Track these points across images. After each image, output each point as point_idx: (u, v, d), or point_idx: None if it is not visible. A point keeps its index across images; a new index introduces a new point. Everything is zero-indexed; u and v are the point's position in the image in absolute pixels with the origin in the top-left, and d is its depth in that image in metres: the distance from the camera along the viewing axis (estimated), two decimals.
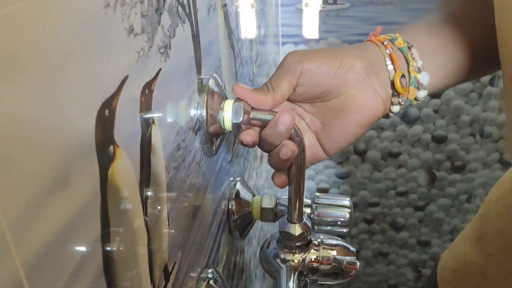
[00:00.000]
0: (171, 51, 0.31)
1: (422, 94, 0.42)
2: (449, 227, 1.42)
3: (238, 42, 0.59)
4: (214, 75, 0.41)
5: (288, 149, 0.37)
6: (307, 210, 0.49)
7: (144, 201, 0.26)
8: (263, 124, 0.39)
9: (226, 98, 0.41)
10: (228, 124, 0.39)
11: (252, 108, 0.39)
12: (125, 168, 0.24)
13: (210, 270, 0.41)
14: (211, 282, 0.39)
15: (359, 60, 0.40)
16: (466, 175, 1.33)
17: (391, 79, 0.41)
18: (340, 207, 0.48)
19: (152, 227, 0.28)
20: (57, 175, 0.18)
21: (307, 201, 0.50)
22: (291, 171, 0.40)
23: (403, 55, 0.41)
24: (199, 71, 0.39)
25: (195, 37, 0.37)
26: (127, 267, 0.24)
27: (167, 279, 0.31)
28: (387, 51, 0.41)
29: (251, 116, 0.39)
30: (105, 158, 0.21)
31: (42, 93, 0.17)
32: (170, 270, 0.32)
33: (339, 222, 0.47)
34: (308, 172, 1.36)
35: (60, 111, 0.18)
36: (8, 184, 0.15)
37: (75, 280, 0.19)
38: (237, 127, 0.38)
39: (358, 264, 0.41)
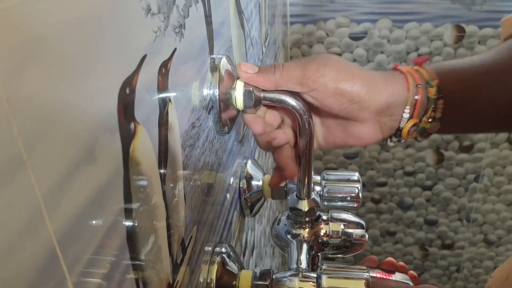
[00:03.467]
0: (185, 31, 0.31)
1: (422, 139, 0.42)
2: (456, 206, 1.43)
3: (248, 22, 0.59)
4: (227, 54, 0.41)
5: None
6: (317, 187, 0.50)
7: (162, 177, 0.27)
8: (274, 104, 0.40)
9: (238, 78, 0.41)
10: (239, 104, 0.40)
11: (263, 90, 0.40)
12: (145, 145, 0.25)
13: (223, 245, 0.42)
14: (225, 256, 0.41)
15: (378, 100, 0.39)
16: (474, 155, 1.33)
17: (401, 126, 0.40)
18: (349, 182, 0.49)
19: (170, 202, 0.29)
20: (84, 150, 0.19)
21: (316, 178, 0.51)
22: (300, 148, 0.41)
23: (427, 105, 0.40)
24: (211, 51, 0.39)
25: (208, 17, 0.38)
26: (148, 240, 0.25)
27: (184, 252, 0.32)
28: (415, 97, 0.40)
29: (262, 95, 0.39)
30: (127, 135, 0.22)
31: (69, 72, 0.18)
32: (186, 244, 0.33)
33: (349, 198, 0.48)
34: (316, 152, 1.37)
35: (85, 90, 0.19)
36: (41, 157, 0.16)
37: (101, 250, 0.20)
38: (248, 99, 0.39)
39: (367, 236, 0.43)
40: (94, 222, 0.20)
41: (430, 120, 0.41)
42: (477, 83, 0.41)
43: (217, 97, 0.39)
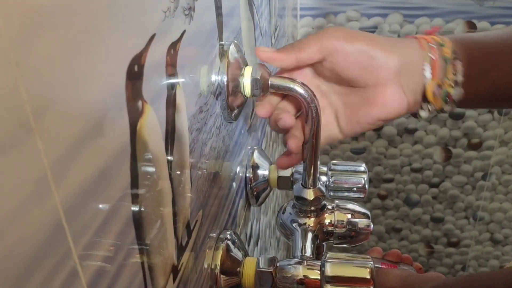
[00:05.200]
0: (195, 14, 0.31)
1: (448, 107, 0.40)
2: (463, 204, 1.42)
3: (258, 12, 0.59)
4: (235, 41, 0.41)
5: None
6: (323, 178, 0.50)
7: (168, 155, 0.27)
8: (282, 92, 0.40)
9: (247, 65, 0.41)
10: (247, 91, 0.40)
11: (271, 75, 0.40)
12: (152, 123, 0.25)
13: (228, 232, 0.42)
14: (229, 242, 0.41)
15: (395, 58, 0.39)
16: (482, 153, 1.32)
17: (425, 86, 0.39)
18: (356, 173, 0.49)
19: (176, 182, 0.29)
20: (92, 123, 0.19)
21: (323, 168, 0.51)
22: (306, 136, 0.41)
23: (445, 65, 0.39)
24: (220, 37, 0.39)
25: (218, 1, 0.38)
26: (153, 219, 0.25)
27: (189, 236, 0.32)
28: (430, 55, 0.39)
29: (269, 82, 0.39)
30: (134, 112, 0.22)
31: (78, 43, 0.18)
32: (192, 227, 0.33)
33: (355, 188, 0.48)
34: (323, 147, 1.37)
35: (93, 62, 0.19)
36: (49, 125, 0.16)
37: (108, 225, 0.20)
38: (256, 87, 0.39)
39: (372, 226, 0.42)
40: (101, 196, 0.20)
41: (452, 84, 0.39)
42: (496, 50, 0.40)
43: (225, 83, 0.39)
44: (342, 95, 0.42)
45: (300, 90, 0.39)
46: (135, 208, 0.23)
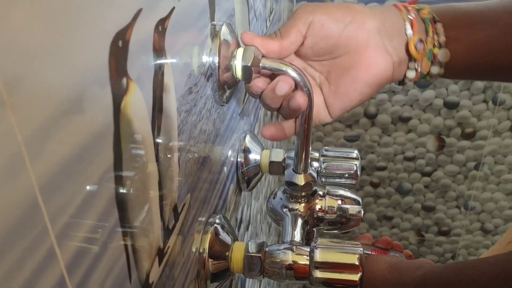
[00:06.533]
0: None
1: (436, 70, 0.40)
2: (455, 194, 1.43)
3: None
4: (228, 22, 0.40)
5: (295, 102, 0.37)
6: (315, 164, 0.50)
7: (155, 136, 0.27)
8: (273, 74, 0.39)
9: (239, 47, 0.40)
10: (239, 73, 0.39)
11: (263, 56, 0.39)
12: (137, 102, 0.24)
13: (218, 216, 0.42)
14: (219, 227, 0.40)
15: (373, 19, 0.39)
16: (475, 142, 1.32)
17: (407, 42, 0.39)
18: (348, 159, 0.48)
19: (163, 163, 0.28)
20: (72, 98, 0.18)
21: (315, 154, 0.50)
22: (298, 121, 0.40)
23: (424, 26, 0.39)
24: (212, 17, 0.38)
25: None
26: (138, 201, 0.25)
27: (176, 219, 0.32)
28: (409, 17, 0.40)
29: (261, 64, 0.38)
30: (118, 89, 0.22)
31: (57, 14, 0.17)
32: (179, 210, 0.32)
33: (347, 174, 0.48)
34: (317, 134, 1.36)
35: (74, 35, 0.18)
36: (23, 99, 0.15)
37: (88, 205, 0.20)
38: (247, 74, 0.38)
39: (363, 212, 0.42)
40: (81, 175, 0.19)
41: (435, 43, 0.39)
42: (480, 13, 0.40)
43: (217, 64, 0.38)
44: (327, 72, 0.42)
45: (292, 73, 0.38)
46: (118, 189, 0.22)
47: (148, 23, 0.25)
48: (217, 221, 0.41)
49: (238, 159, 0.54)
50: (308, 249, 0.39)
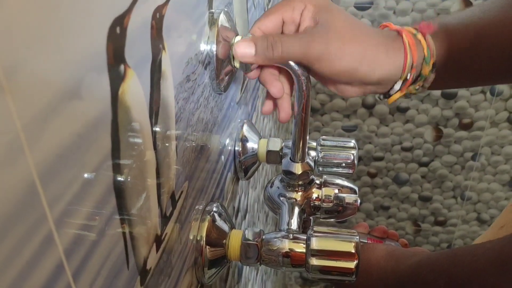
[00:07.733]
0: None
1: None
2: (452, 184, 1.44)
3: None
4: (226, 9, 0.40)
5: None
6: (312, 153, 0.50)
7: (153, 124, 0.27)
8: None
9: (237, 34, 0.40)
10: (237, 62, 0.39)
11: None
12: (135, 89, 0.24)
13: (215, 204, 0.42)
14: (216, 214, 0.40)
15: (373, 76, 0.38)
16: (473, 133, 1.33)
17: (390, 93, 0.40)
18: (345, 149, 0.48)
19: (160, 151, 0.28)
20: (70, 85, 0.18)
21: (312, 143, 0.50)
22: (296, 110, 0.40)
23: (418, 79, 0.40)
24: (210, 5, 0.38)
25: None
26: (136, 188, 0.25)
27: (174, 206, 0.32)
28: (407, 77, 0.39)
29: None
30: (116, 76, 0.22)
31: (53, 2, 0.17)
32: (177, 198, 0.33)
33: (344, 164, 0.48)
34: (315, 124, 1.36)
35: (71, 24, 0.18)
36: (22, 84, 0.15)
37: (87, 192, 0.20)
38: (244, 64, 0.38)
39: (359, 201, 0.42)
40: (79, 162, 0.19)
41: (417, 88, 0.40)
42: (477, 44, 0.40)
43: (215, 52, 0.38)
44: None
45: (290, 63, 0.38)
46: (116, 176, 0.22)
47: (146, 9, 0.25)
48: (214, 209, 0.41)
49: (236, 148, 0.54)
50: (305, 237, 0.39)
